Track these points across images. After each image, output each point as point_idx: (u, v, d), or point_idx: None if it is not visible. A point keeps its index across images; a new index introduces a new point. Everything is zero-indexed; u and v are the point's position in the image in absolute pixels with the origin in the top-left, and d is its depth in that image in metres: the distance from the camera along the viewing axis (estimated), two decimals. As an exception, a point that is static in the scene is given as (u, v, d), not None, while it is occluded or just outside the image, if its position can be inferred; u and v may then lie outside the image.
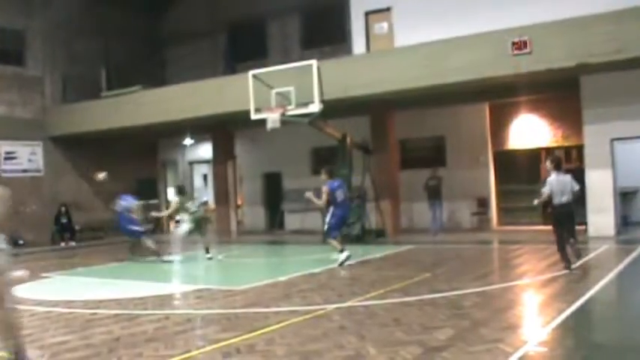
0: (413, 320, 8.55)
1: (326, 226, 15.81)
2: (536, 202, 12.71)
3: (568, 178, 12.35)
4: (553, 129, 21.85)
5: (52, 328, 9.28)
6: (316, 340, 7.74)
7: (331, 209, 15.55)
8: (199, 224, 17.52)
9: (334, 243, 15.36)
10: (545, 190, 12.28)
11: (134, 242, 18.05)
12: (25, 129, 26.16)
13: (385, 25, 20.80)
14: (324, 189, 15.48)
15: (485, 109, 22.67)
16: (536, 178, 22.40)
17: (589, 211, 18.29)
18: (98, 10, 27.89)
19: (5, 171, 25.37)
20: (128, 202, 17.90)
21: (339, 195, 15.62)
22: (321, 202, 15.57)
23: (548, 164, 12.81)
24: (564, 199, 12.14)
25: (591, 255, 14.65)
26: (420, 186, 21.72)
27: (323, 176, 15.81)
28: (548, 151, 22.98)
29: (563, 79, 18.08)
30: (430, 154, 23.76)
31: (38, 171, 26.62)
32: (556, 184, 12.20)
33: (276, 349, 7.43)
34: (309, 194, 16.00)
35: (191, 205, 17.66)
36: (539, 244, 16.96)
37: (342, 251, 15.01)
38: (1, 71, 25.77)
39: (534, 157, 22.49)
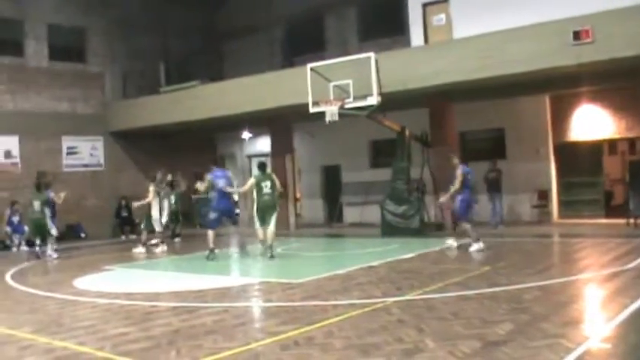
0: (472, 314, 8.50)
1: (457, 212, 16.24)
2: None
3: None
4: (616, 120, 21.41)
5: (113, 320, 9.45)
6: (375, 334, 7.74)
7: (461, 194, 15.84)
8: None
9: (469, 228, 15.82)
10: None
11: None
12: (86, 124, 26.76)
13: (443, 16, 20.60)
14: (459, 172, 15.79)
15: (546, 100, 22.33)
16: (599, 170, 22.06)
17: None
18: (156, 6, 28.35)
19: (67, 165, 25.97)
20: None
21: (470, 179, 16.13)
22: (456, 187, 15.83)
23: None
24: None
25: (656, 249, 14.37)
26: (479, 178, 21.54)
27: (455, 160, 16.16)
28: (611, 142, 22.61)
29: (627, 69, 17.64)
30: (490, 147, 23.52)
31: (99, 165, 27.17)
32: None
33: (335, 342, 7.45)
34: (443, 199, 16.89)
35: None
36: (602, 238, 16.71)
37: (478, 240, 15.57)
38: (63, 68, 26.43)
39: (596, 148, 22.13)
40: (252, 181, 16.52)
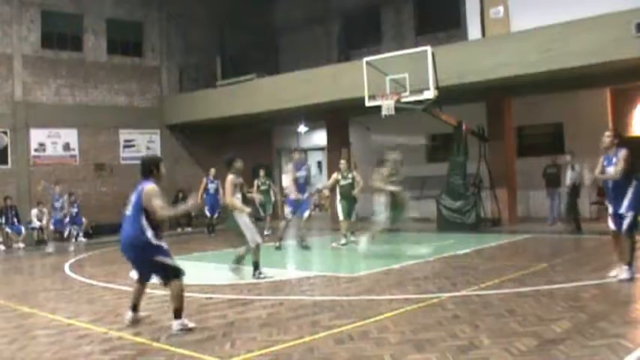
0: (528, 311, 8.38)
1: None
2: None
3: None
4: (680, 114, 20.92)
5: (169, 311, 9.49)
6: (429, 329, 7.69)
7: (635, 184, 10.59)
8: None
9: None
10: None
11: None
12: (143, 118, 27.19)
13: (501, 9, 20.24)
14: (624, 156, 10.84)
15: (607, 94, 21.86)
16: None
17: None
18: (213, 0, 28.44)
19: (124, 158, 26.35)
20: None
21: None
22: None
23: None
24: None
25: None
26: (536, 174, 21.24)
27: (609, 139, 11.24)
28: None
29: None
30: (548, 142, 23.15)
31: (156, 158, 27.45)
32: None
33: (389, 337, 7.42)
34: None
35: None
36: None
37: None
38: (121, 62, 26.86)
39: (659, 144, 21.61)
40: (334, 176, 18.19)
